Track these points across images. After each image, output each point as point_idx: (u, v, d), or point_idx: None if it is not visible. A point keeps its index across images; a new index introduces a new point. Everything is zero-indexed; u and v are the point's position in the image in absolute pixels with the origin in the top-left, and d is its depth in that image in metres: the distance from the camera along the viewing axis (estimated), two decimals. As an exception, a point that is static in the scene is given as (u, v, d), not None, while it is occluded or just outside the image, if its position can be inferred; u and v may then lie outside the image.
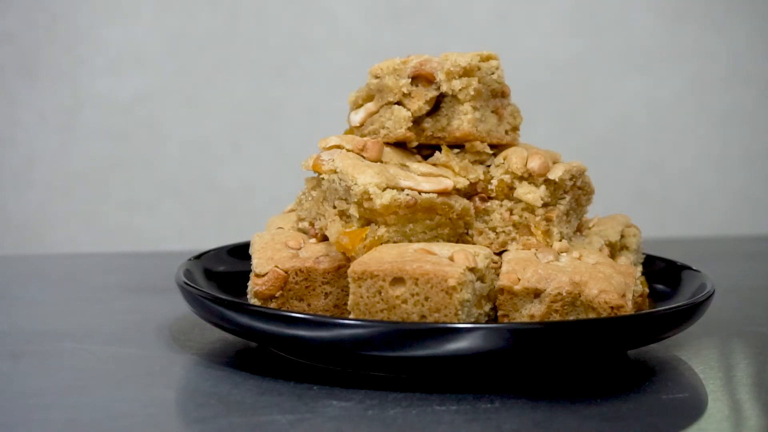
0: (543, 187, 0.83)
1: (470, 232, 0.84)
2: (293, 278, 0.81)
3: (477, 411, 0.67)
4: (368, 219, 0.80)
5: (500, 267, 0.80)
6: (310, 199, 0.85)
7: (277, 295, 0.81)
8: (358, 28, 1.82)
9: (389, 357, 0.71)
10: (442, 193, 0.81)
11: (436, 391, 0.70)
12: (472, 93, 0.83)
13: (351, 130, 0.88)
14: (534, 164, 0.83)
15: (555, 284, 0.77)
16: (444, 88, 0.83)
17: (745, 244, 1.48)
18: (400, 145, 0.86)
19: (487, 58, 0.86)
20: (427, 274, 0.73)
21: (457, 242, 0.83)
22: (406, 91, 0.84)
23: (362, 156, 0.83)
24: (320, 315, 0.78)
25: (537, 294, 0.77)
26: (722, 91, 1.93)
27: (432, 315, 0.73)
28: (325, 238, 0.84)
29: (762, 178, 1.96)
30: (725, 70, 1.92)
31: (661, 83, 1.91)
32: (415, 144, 0.86)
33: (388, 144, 0.85)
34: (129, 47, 1.78)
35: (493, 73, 0.85)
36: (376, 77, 0.86)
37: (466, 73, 0.83)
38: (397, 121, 0.84)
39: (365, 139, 0.84)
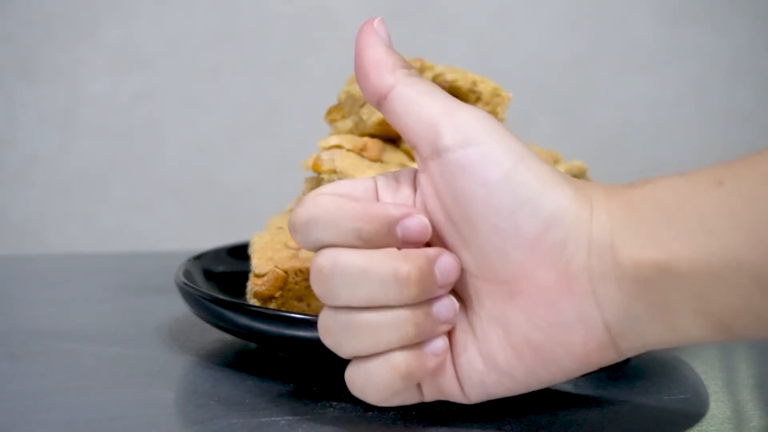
0: (544, 187, 0.83)
1: (471, 232, 0.84)
2: (293, 278, 0.81)
3: (477, 412, 0.66)
4: (368, 219, 0.80)
5: (501, 267, 0.80)
6: (310, 199, 0.85)
7: (276, 296, 0.81)
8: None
9: (389, 357, 0.70)
10: (442, 193, 0.81)
11: (437, 391, 0.70)
12: None
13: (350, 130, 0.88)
14: (535, 164, 0.83)
15: (556, 285, 0.76)
16: None
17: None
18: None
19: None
20: (427, 275, 0.73)
21: (457, 242, 0.83)
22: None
23: (362, 156, 0.82)
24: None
25: (538, 294, 0.77)
26: (724, 92, 1.93)
27: (432, 315, 0.73)
28: (325, 239, 0.84)
29: (762, 179, 1.96)
30: (727, 70, 1.92)
31: (662, 83, 1.91)
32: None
33: (388, 143, 0.85)
34: (128, 47, 1.78)
35: None
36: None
37: None
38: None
39: (365, 139, 0.84)
